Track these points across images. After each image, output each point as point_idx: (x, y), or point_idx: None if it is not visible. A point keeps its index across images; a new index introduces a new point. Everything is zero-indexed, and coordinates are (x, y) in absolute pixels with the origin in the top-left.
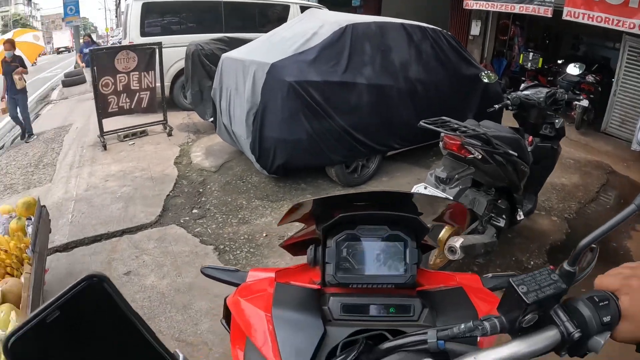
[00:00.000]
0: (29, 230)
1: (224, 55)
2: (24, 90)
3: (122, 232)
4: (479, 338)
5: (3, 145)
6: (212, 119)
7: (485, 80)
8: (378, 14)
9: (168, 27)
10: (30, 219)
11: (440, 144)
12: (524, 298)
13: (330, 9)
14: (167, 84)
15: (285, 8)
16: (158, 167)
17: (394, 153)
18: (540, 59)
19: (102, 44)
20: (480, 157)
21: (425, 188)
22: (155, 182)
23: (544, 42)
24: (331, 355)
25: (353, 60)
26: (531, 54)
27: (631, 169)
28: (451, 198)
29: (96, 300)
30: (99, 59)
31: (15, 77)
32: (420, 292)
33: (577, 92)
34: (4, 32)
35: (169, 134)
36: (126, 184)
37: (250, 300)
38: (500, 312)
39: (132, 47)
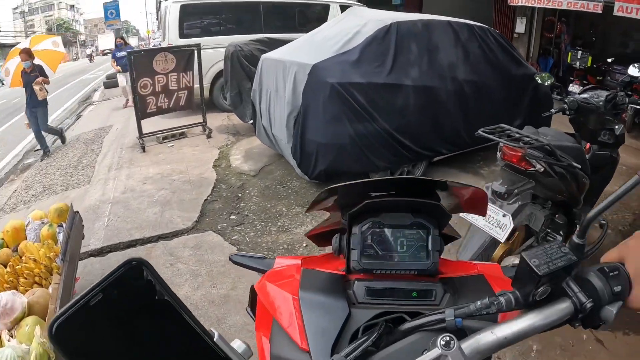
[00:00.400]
0: (60, 237)
1: (264, 56)
2: (44, 103)
3: (158, 238)
4: (499, 315)
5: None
6: (251, 121)
7: (540, 82)
8: (420, 12)
9: (207, 28)
10: (62, 226)
11: (498, 154)
12: (536, 270)
13: (370, 8)
14: (206, 85)
15: (325, 8)
16: (196, 170)
17: (440, 158)
18: (590, 58)
19: (144, 46)
20: (542, 170)
21: None
22: (193, 185)
23: (590, 40)
24: (354, 337)
25: (398, 60)
26: (579, 52)
27: None
28: (509, 215)
29: (136, 283)
30: (137, 61)
31: (36, 87)
32: (442, 279)
33: (630, 92)
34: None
35: (208, 136)
36: (164, 187)
37: (278, 285)
38: (515, 287)
39: (170, 49)
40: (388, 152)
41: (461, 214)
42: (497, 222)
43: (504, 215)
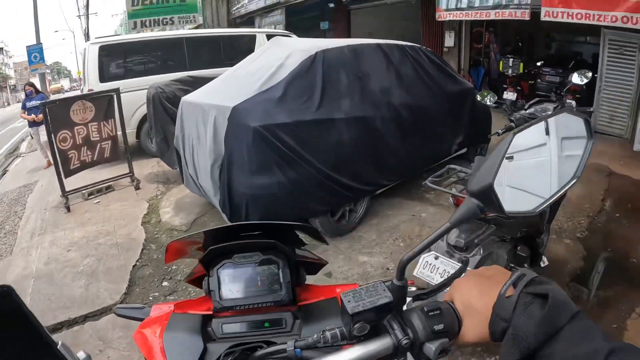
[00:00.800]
0: None
1: (184, 98)
2: None
3: (85, 318)
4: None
5: None
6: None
7: (480, 99)
8: (348, 35)
9: (129, 69)
10: None
11: (451, 200)
12: (347, 309)
13: (298, 36)
14: (132, 130)
15: (252, 38)
16: (124, 230)
17: (383, 190)
18: (521, 64)
19: (77, 87)
20: None
21: (437, 258)
22: (121, 249)
23: (517, 46)
24: None
25: (327, 92)
26: (511, 59)
27: (629, 167)
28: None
29: (5, 308)
30: (53, 112)
31: None
32: (300, 307)
33: (563, 94)
34: None
35: (137, 187)
36: (89, 254)
37: (149, 330)
38: (342, 322)
39: (87, 97)
40: (326, 194)
41: (414, 273)
42: None
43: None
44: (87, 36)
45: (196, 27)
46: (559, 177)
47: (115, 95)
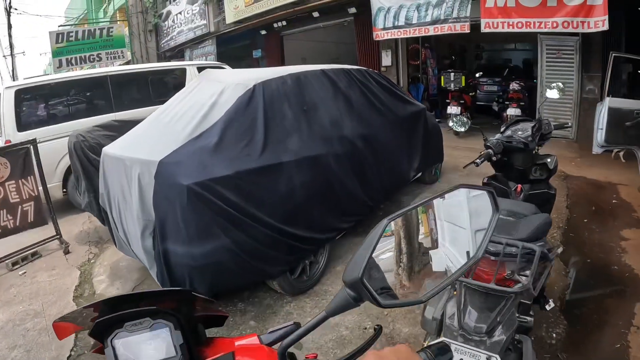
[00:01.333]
0: None
1: (104, 150)
2: None
3: None
4: None
5: None
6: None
7: (456, 128)
8: (282, 62)
9: (51, 114)
10: None
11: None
12: None
13: (232, 67)
14: (58, 183)
15: (182, 72)
16: (54, 308)
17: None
18: (463, 77)
19: None
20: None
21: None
22: (52, 335)
23: (451, 60)
24: None
25: (271, 132)
26: (452, 74)
27: (581, 167)
28: (496, 357)
29: None
30: None
31: None
32: None
33: (507, 102)
34: None
35: (66, 252)
36: (16, 344)
37: None
38: None
39: (1, 151)
40: (281, 252)
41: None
42: None
43: (488, 359)
44: (14, 77)
45: (126, 63)
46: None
47: (31, 147)
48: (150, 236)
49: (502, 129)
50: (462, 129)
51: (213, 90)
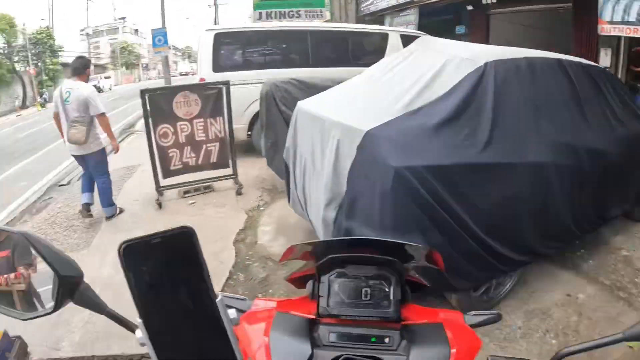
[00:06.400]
0: None
1: (299, 103)
2: None
3: (141, 357)
4: None
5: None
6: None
7: None
8: (486, 43)
9: (245, 60)
10: None
11: None
12: None
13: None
14: (244, 125)
15: (384, 37)
16: (213, 246)
17: None
18: None
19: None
20: None
21: None
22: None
23: None
24: None
25: (498, 123)
26: None
27: None
28: None
29: (185, 245)
30: (153, 102)
31: None
32: (404, 326)
33: None
34: (112, 58)
35: (238, 193)
36: None
37: (252, 325)
38: None
39: (193, 88)
40: (475, 267)
41: None
42: None
43: None
44: (215, 24)
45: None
46: None
47: (224, 89)
48: (334, 210)
49: None
50: None
51: (433, 62)
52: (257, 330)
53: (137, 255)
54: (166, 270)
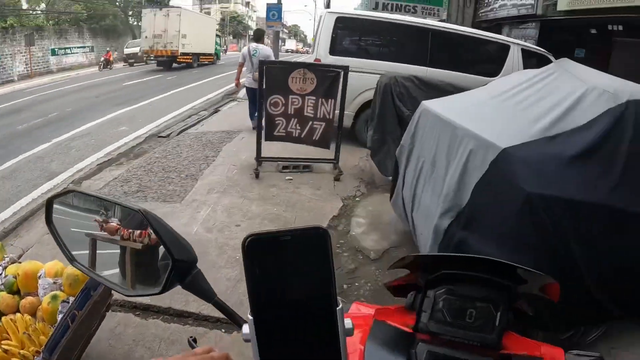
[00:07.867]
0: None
1: (425, 103)
2: None
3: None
4: None
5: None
6: (391, 177)
7: None
8: (606, 69)
9: (362, 48)
10: (68, 303)
11: None
12: None
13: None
14: (350, 113)
15: (505, 49)
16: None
17: None
18: None
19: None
20: None
21: None
22: None
23: None
24: None
25: (630, 168)
26: None
27: None
28: None
29: (316, 246)
30: (270, 73)
31: None
32: (502, 355)
33: None
34: (221, 25)
35: (336, 179)
36: None
37: None
38: None
39: (312, 67)
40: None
41: None
42: None
43: None
44: (327, 6)
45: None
46: None
47: (342, 73)
48: (450, 219)
49: None
50: None
51: (573, 88)
52: (353, 336)
53: (262, 250)
54: (291, 270)
